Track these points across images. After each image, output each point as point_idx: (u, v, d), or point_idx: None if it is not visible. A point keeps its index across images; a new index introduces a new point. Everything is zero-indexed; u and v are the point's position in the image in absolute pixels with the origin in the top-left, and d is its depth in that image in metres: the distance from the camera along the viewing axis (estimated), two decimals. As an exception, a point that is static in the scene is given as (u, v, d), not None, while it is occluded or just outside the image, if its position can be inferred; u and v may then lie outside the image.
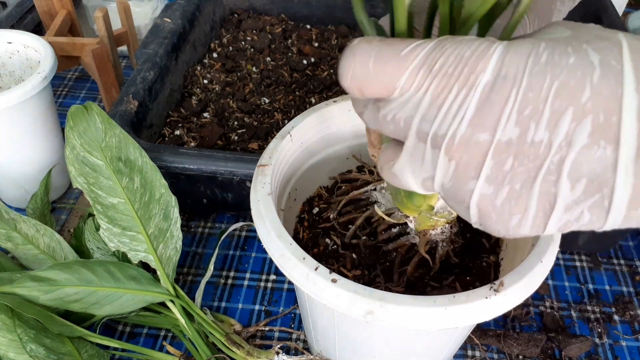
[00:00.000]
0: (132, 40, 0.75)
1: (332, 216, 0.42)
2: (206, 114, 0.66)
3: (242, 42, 0.77)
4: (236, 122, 0.64)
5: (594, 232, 0.25)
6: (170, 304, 0.48)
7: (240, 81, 0.70)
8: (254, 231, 0.61)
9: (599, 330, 0.52)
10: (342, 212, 0.41)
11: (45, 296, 0.43)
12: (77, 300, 0.44)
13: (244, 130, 0.63)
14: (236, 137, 0.62)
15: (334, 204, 0.42)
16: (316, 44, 0.77)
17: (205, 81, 0.70)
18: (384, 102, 0.26)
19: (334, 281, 0.31)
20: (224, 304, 0.54)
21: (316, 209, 0.45)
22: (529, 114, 0.22)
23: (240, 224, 0.59)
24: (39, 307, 0.44)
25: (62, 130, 0.59)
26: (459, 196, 0.25)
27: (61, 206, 0.63)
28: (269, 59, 0.74)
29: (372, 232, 0.40)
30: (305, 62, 0.73)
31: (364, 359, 0.41)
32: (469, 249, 0.40)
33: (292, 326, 0.52)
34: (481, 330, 0.51)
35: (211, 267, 0.53)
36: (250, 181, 0.47)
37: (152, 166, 0.48)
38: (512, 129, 0.22)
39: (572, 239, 0.56)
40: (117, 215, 0.47)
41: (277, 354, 0.47)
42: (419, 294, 0.31)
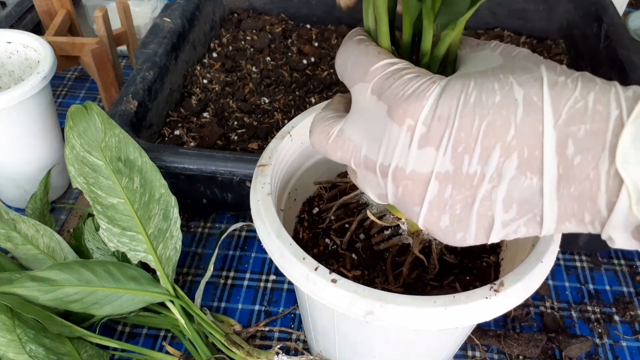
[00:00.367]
0: (131, 40, 0.75)
1: (326, 223, 0.42)
2: (206, 114, 0.66)
3: (242, 42, 0.77)
4: (236, 122, 0.64)
5: (594, 233, 0.25)
6: (170, 304, 0.48)
7: (240, 81, 0.70)
8: (254, 231, 0.61)
9: (600, 330, 0.52)
10: (336, 217, 0.41)
11: (44, 296, 0.43)
12: (76, 300, 0.44)
13: (244, 130, 0.63)
14: (236, 137, 0.62)
15: (327, 211, 0.42)
16: (316, 44, 0.77)
17: (205, 81, 0.70)
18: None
19: (333, 281, 0.31)
20: (223, 304, 0.54)
21: (316, 209, 0.45)
22: (462, 151, 0.25)
23: (240, 224, 0.59)
24: (39, 307, 0.44)
25: (62, 130, 0.59)
26: (408, 215, 0.28)
27: (61, 206, 0.63)
28: (268, 58, 0.74)
29: (367, 234, 0.40)
30: (305, 61, 0.73)
31: (363, 359, 0.41)
32: (469, 249, 0.40)
33: (292, 326, 0.52)
34: (481, 330, 0.51)
35: (211, 267, 0.53)
36: (250, 181, 0.47)
37: (152, 166, 0.48)
38: (449, 163, 0.25)
39: (572, 239, 0.56)
40: (116, 215, 0.47)
41: (277, 354, 0.47)
42: (419, 294, 0.31)
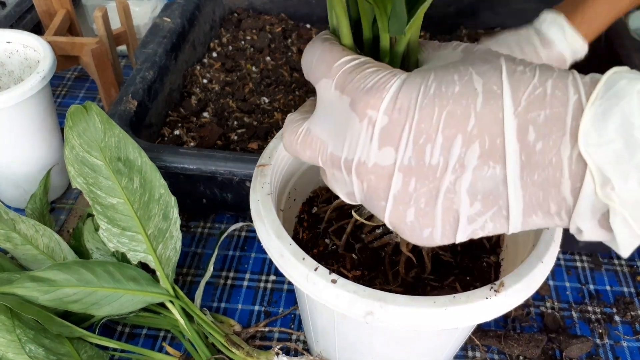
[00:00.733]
0: (131, 39, 0.75)
1: (323, 225, 0.42)
2: (206, 114, 0.66)
3: (242, 42, 0.77)
4: (236, 122, 0.63)
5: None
6: (169, 305, 0.48)
7: (239, 81, 0.70)
8: (254, 231, 0.60)
9: (600, 330, 0.52)
10: (333, 219, 0.41)
11: (44, 296, 0.43)
12: (76, 300, 0.44)
13: (244, 130, 0.62)
14: (236, 137, 0.62)
15: (322, 215, 0.42)
16: (316, 44, 0.77)
17: (204, 81, 0.70)
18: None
19: (333, 282, 0.31)
20: (223, 305, 0.54)
21: (316, 209, 0.45)
22: (424, 142, 0.25)
23: (239, 224, 0.59)
24: (38, 308, 0.44)
25: (61, 130, 0.59)
26: (375, 211, 0.28)
27: (60, 206, 0.63)
28: (268, 58, 0.74)
29: (361, 233, 0.40)
30: (305, 61, 0.73)
31: (363, 359, 0.41)
32: (469, 249, 0.40)
33: (292, 327, 0.52)
34: (482, 330, 0.51)
35: (211, 267, 0.52)
36: (249, 181, 0.47)
37: (152, 166, 0.48)
38: (411, 155, 0.25)
39: (573, 239, 0.56)
40: (116, 215, 0.47)
41: (277, 354, 0.46)
42: (419, 295, 0.31)
